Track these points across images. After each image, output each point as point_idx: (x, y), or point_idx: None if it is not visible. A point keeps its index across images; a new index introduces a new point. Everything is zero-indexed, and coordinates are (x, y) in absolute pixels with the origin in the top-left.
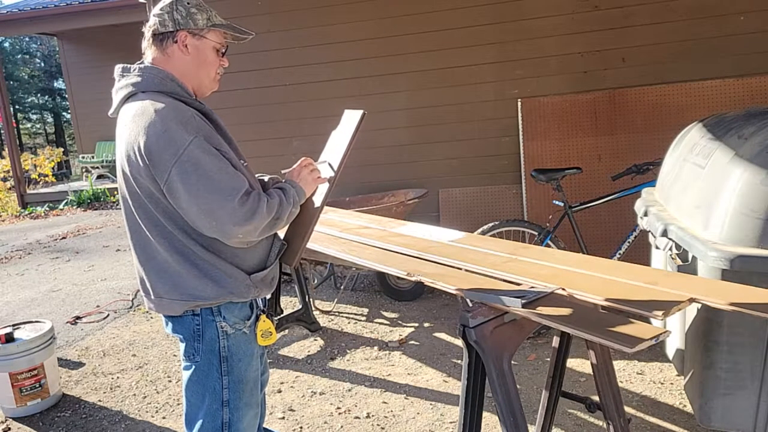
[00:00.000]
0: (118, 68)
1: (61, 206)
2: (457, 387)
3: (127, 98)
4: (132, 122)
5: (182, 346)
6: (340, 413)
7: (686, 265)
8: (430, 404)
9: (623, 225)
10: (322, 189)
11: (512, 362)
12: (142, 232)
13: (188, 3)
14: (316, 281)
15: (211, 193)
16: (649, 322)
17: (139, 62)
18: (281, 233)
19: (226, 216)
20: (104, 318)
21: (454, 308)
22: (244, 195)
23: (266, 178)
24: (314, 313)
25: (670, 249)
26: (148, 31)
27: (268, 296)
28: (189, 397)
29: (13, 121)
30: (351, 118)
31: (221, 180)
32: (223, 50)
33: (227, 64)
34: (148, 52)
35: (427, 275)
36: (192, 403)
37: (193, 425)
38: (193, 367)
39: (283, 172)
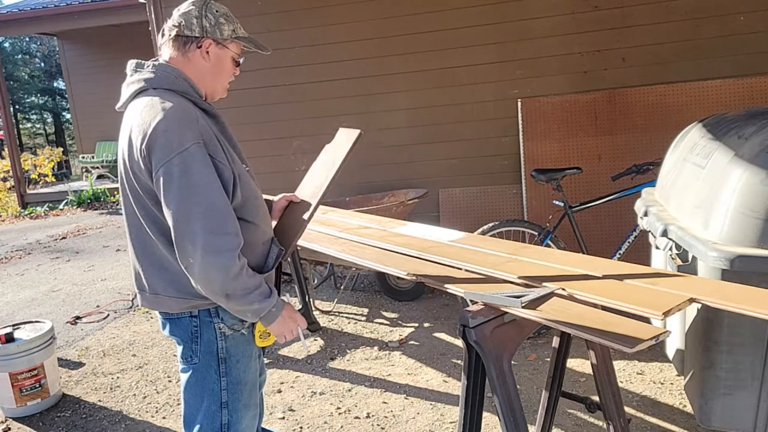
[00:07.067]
0: (131, 63)
1: (61, 206)
2: (457, 387)
3: (137, 94)
4: (138, 118)
5: (180, 348)
6: (340, 413)
7: (686, 265)
8: (430, 404)
9: (623, 225)
10: (311, 202)
11: (512, 362)
12: (141, 227)
13: (217, 11)
14: (316, 281)
15: (186, 203)
16: (649, 322)
17: (153, 59)
18: (281, 236)
19: (195, 233)
20: (104, 318)
21: (454, 308)
22: (227, 236)
23: (275, 199)
24: (314, 313)
25: (670, 249)
26: (170, 30)
27: None
28: (187, 398)
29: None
30: (346, 137)
31: (203, 193)
32: (239, 60)
33: (238, 73)
34: (165, 49)
35: (427, 275)
36: (190, 404)
37: (192, 427)
38: (191, 369)
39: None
